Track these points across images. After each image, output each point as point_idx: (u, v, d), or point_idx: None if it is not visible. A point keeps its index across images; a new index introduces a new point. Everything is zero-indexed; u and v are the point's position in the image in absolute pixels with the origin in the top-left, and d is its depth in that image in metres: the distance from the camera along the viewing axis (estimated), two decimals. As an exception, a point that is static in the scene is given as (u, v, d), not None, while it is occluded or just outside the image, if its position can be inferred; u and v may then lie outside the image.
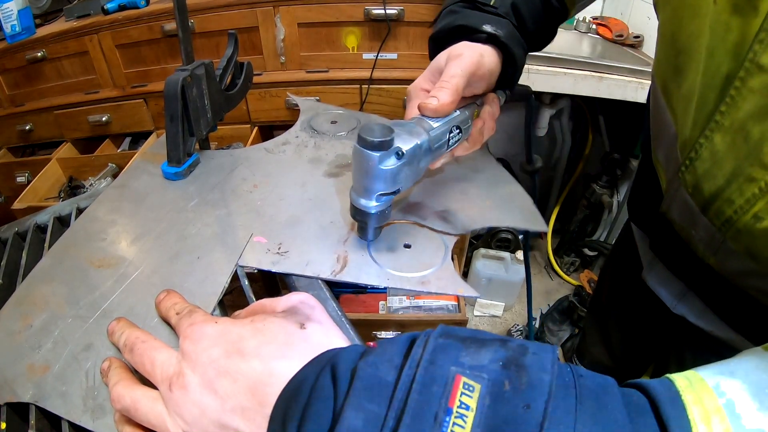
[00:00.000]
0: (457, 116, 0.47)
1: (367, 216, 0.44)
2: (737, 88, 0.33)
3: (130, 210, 0.55)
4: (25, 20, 1.34)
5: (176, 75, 0.54)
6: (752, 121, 0.32)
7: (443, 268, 0.47)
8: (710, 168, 0.37)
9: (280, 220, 0.53)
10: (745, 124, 0.33)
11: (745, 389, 0.23)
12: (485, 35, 0.47)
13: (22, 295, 0.45)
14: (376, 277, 0.46)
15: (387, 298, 1.52)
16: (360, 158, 0.40)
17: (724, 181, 0.36)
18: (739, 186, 0.34)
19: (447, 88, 0.43)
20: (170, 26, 1.28)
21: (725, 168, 0.35)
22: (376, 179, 0.41)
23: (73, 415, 0.35)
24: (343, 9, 1.23)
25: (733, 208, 0.35)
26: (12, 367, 0.38)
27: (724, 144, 0.35)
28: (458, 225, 0.51)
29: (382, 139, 0.39)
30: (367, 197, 0.43)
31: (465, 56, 0.45)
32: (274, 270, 0.47)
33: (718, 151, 0.36)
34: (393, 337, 0.27)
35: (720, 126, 0.35)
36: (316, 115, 0.74)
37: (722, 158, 0.36)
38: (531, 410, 0.21)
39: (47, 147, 1.60)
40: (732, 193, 0.35)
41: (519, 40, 0.49)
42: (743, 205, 0.34)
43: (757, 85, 0.31)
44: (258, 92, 1.38)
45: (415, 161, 0.43)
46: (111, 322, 0.38)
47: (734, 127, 0.34)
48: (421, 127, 0.43)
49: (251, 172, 0.61)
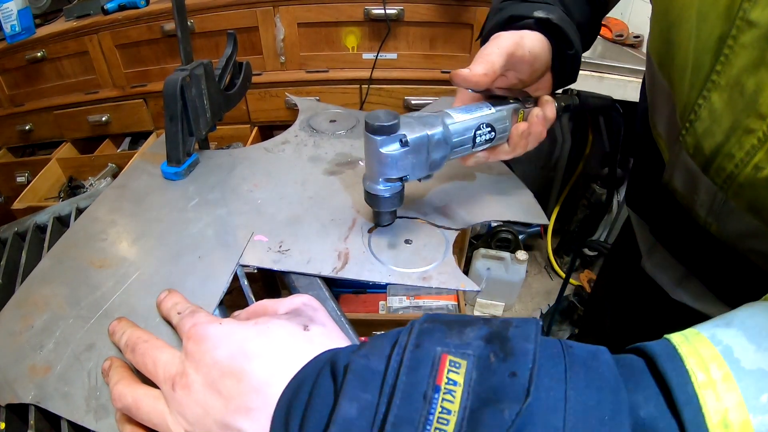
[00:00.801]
0: (488, 114, 0.45)
1: (376, 199, 0.46)
2: (730, 46, 0.34)
3: (130, 210, 0.55)
4: (25, 20, 1.34)
5: (175, 75, 0.54)
6: (746, 75, 0.33)
7: (444, 263, 0.47)
8: (709, 126, 0.38)
9: (281, 218, 0.53)
10: (740, 78, 0.34)
11: (742, 335, 0.23)
12: (533, 20, 0.45)
13: (23, 297, 0.45)
14: (377, 274, 0.46)
15: (387, 298, 1.52)
16: (366, 141, 0.42)
17: (723, 136, 0.37)
18: (738, 139, 0.35)
19: (481, 62, 0.42)
20: (170, 26, 1.28)
21: (724, 124, 0.36)
22: (380, 163, 0.43)
23: (76, 416, 0.35)
24: (342, 9, 1.23)
25: (734, 162, 0.36)
26: (13, 368, 0.38)
27: (722, 101, 0.36)
28: (459, 219, 0.51)
29: (384, 123, 0.40)
30: (375, 181, 0.45)
31: (503, 37, 0.44)
32: (276, 268, 0.47)
33: (716, 109, 0.37)
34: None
35: (717, 85, 0.36)
36: (315, 115, 0.74)
37: (720, 115, 0.36)
38: (517, 377, 0.21)
39: (47, 147, 1.60)
40: (732, 147, 0.36)
41: (572, 25, 0.46)
42: (743, 158, 0.35)
43: (748, 40, 0.33)
44: (258, 92, 1.38)
45: (424, 151, 0.43)
46: (112, 322, 0.38)
47: (730, 83, 0.35)
48: (440, 120, 0.43)
49: (251, 172, 0.61)
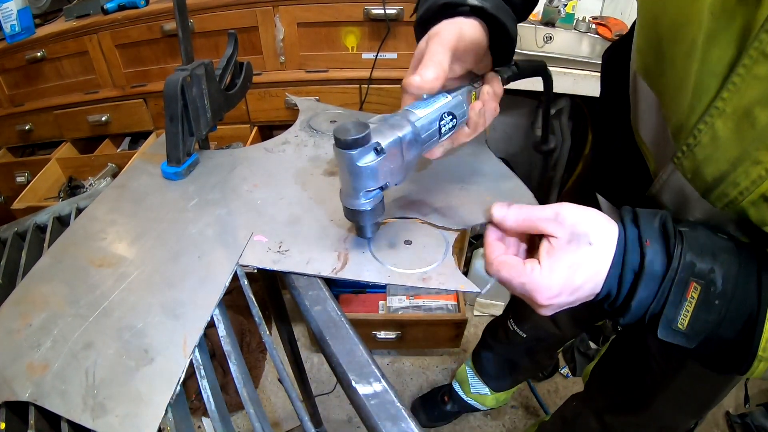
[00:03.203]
0: (447, 102, 0.45)
1: (359, 214, 0.44)
2: (741, 75, 0.34)
3: (129, 210, 0.55)
4: (25, 20, 1.34)
5: (176, 75, 0.54)
6: (759, 107, 0.33)
7: (444, 264, 0.47)
8: (712, 153, 0.38)
9: (281, 219, 0.53)
10: (752, 110, 0.34)
11: None
12: (468, 8, 0.45)
13: (21, 295, 0.45)
14: (377, 274, 0.46)
15: (387, 298, 1.52)
16: (339, 158, 0.40)
17: (729, 165, 0.37)
18: (746, 169, 0.36)
19: (429, 65, 0.42)
20: (170, 26, 1.28)
21: (730, 152, 0.37)
22: (358, 177, 0.41)
23: (73, 414, 0.35)
24: (342, 9, 1.23)
25: (738, 189, 0.37)
26: (11, 366, 0.38)
27: (727, 129, 0.36)
28: (459, 220, 0.51)
29: (356, 136, 0.38)
30: (355, 196, 0.43)
31: (443, 32, 0.43)
32: (275, 269, 0.47)
33: (720, 137, 0.37)
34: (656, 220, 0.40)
35: (722, 112, 0.36)
36: (315, 115, 0.74)
37: (725, 143, 0.37)
38: None
39: (47, 147, 1.60)
40: (738, 176, 0.36)
41: (506, 9, 0.47)
42: (749, 186, 0.36)
43: (763, 73, 0.33)
44: (258, 92, 1.38)
45: (399, 154, 0.42)
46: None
47: (738, 113, 0.35)
48: (405, 119, 0.42)
49: (251, 172, 0.61)
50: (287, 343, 0.95)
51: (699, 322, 0.37)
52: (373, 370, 0.40)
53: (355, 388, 0.38)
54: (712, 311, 0.36)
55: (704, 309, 0.36)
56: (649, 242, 0.38)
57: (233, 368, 0.42)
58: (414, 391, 1.47)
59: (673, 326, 0.38)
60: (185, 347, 0.40)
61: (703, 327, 0.37)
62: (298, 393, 0.41)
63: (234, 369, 0.42)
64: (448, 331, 1.44)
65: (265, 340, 0.43)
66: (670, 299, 0.37)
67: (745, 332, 0.36)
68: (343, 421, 1.38)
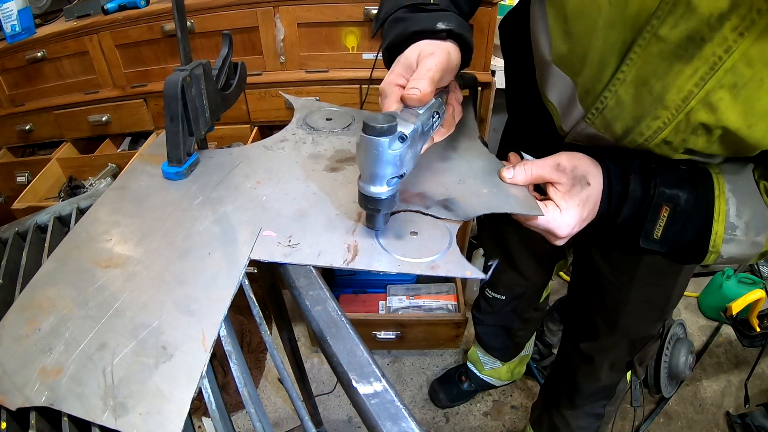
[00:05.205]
0: (434, 103, 0.51)
1: (379, 202, 0.46)
2: (637, 53, 0.43)
3: (132, 211, 0.55)
4: (25, 20, 1.34)
5: (175, 75, 0.54)
6: (654, 78, 0.44)
7: (450, 252, 0.49)
8: (619, 113, 0.49)
9: (287, 213, 0.53)
10: (648, 80, 0.44)
11: None
12: (444, 32, 0.51)
13: (26, 300, 0.44)
14: (386, 264, 0.47)
15: (387, 298, 1.52)
16: (369, 146, 0.42)
17: (634, 121, 0.48)
18: (648, 123, 0.47)
19: (425, 79, 0.46)
20: (170, 26, 1.28)
21: (634, 112, 0.47)
22: (386, 164, 0.43)
23: (93, 415, 0.35)
24: (342, 9, 1.23)
25: (644, 137, 0.49)
26: (22, 373, 0.38)
27: (629, 95, 0.47)
28: (460, 212, 0.53)
29: (389, 124, 0.41)
30: (378, 183, 0.45)
31: (437, 53, 0.49)
32: (288, 261, 0.48)
33: (624, 101, 0.47)
34: None
35: (623, 81, 0.46)
36: (311, 113, 0.74)
37: (629, 106, 0.47)
38: None
39: (47, 147, 1.60)
40: (642, 129, 0.48)
41: (466, 25, 0.54)
42: (652, 135, 0.48)
43: (656, 51, 0.42)
44: (258, 92, 1.38)
45: (414, 144, 0.46)
46: None
47: (637, 81, 0.45)
48: (411, 114, 0.46)
49: (252, 170, 0.61)
50: (287, 343, 0.96)
51: (669, 232, 0.51)
52: (374, 370, 0.40)
53: (355, 387, 0.39)
54: (677, 224, 0.51)
55: (672, 223, 0.51)
56: (633, 176, 0.51)
57: (234, 368, 0.42)
58: (414, 391, 1.47)
59: (650, 237, 0.52)
60: (204, 341, 0.40)
61: (672, 236, 0.51)
62: (298, 393, 0.41)
63: (235, 369, 0.42)
64: (448, 331, 1.44)
65: (266, 339, 0.43)
66: (648, 218, 0.51)
67: (700, 236, 0.51)
68: (343, 421, 1.39)
